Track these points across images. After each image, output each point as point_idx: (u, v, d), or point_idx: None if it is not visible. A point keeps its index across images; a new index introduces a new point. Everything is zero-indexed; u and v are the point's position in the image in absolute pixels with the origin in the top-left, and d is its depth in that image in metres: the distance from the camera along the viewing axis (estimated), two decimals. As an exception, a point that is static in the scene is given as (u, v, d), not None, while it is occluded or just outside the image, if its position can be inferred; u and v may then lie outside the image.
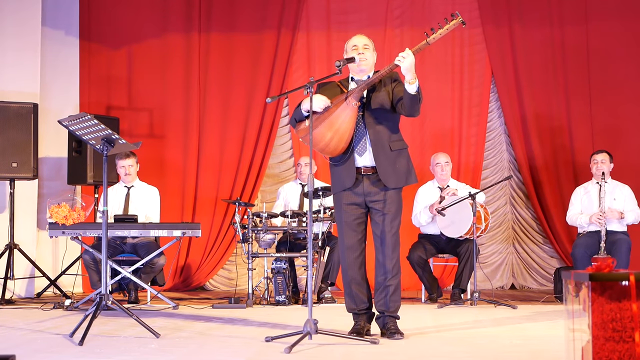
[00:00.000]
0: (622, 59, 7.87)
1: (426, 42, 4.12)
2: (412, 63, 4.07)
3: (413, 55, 4.08)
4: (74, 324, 4.61)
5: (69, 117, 4.59)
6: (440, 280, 7.22)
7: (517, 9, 7.99)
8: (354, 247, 4.39)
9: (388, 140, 4.33)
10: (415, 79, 4.11)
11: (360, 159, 4.35)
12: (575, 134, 7.87)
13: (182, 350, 3.96)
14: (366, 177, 4.35)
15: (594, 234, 6.41)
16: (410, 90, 4.13)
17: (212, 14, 8.18)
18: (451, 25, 4.12)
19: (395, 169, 4.32)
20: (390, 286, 4.34)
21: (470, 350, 3.95)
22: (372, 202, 4.35)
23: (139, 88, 8.19)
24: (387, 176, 4.30)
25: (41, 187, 7.69)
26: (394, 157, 4.33)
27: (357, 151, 4.34)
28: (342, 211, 4.40)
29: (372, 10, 8.12)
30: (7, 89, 7.37)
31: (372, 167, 4.34)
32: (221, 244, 8.03)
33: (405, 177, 4.36)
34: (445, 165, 6.69)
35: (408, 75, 4.10)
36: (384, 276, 4.34)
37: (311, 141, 4.15)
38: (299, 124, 4.43)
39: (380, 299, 4.37)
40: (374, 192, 4.33)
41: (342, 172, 4.37)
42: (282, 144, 8.27)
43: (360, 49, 4.37)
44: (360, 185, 4.35)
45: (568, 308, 2.87)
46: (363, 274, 4.44)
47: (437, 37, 4.11)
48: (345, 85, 4.45)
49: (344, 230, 4.40)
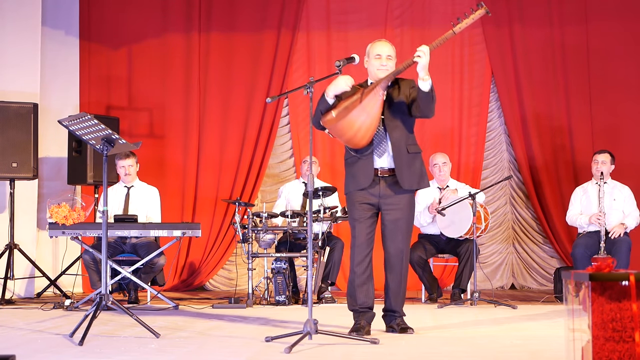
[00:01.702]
0: (622, 59, 7.87)
1: (452, 32, 4.23)
2: (428, 60, 4.15)
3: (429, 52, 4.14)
4: (74, 324, 4.61)
5: (69, 117, 4.59)
6: (440, 280, 7.22)
7: (517, 9, 7.99)
8: (363, 245, 4.44)
9: (406, 143, 4.41)
10: (429, 76, 4.18)
11: (378, 160, 4.40)
12: (575, 134, 7.87)
13: (182, 350, 3.96)
14: (383, 179, 4.41)
15: (594, 234, 6.41)
16: (424, 87, 4.20)
17: (212, 14, 8.18)
18: (477, 15, 4.23)
19: (410, 171, 4.40)
20: (403, 288, 4.48)
21: (470, 350, 3.95)
22: (387, 205, 4.42)
23: (139, 88, 8.20)
24: (403, 177, 4.37)
25: (41, 187, 7.70)
26: (411, 159, 4.41)
27: (377, 152, 4.38)
28: (355, 209, 4.44)
29: (372, 10, 8.12)
30: (7, 89, 7.37)
31: (389, 169, 4.40)
32: (221, 244, 8.03)
33: (418, 180, 4.45)
34: (442, 165, 6.68)
35: (422, 73, 4.17)
36: (397, 279, 4.44)
37: (311, 140, 4.14)
38: (324, 115, 4.33)
39: (391, 301, 4.48)
40: (389, 194, 4.40)
41: (359, 172, 4.40)
42: (282, 144, 8.27)
43: (384, 60, 4.40)
44: (377, 187, 4.41)
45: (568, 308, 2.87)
46: (370, 273, 4.47)
47: (462, 27, 4.23)
48: (363, 87, 4.45)
49: (356, 227, 4.44)
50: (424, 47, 4.16)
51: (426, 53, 4.14)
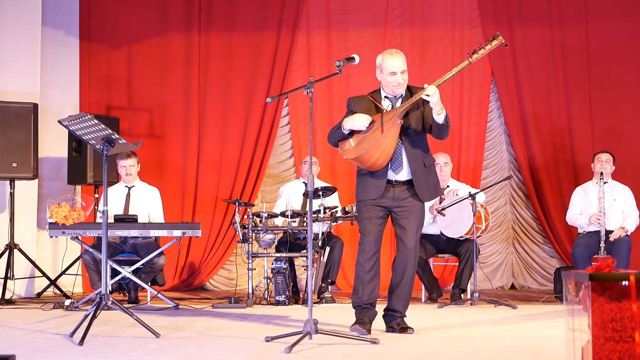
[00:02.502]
0: (622, 59, 7.87)
1: (468, 62, 4.35)
2: (439, 97, 4.25)
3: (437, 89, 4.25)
4: (74, 324, 4.61)
5: (69, 117, 4.59)
6: (440, 280, 7.22)
7: (517, 9, 7.98)
8: (373, 242, 4.49)
9: (422, 157, 4.48)
10: (443, 109, 4.30)
11: (394, 175, 4.47)
12: (575, 134, 7.87)
13: (182, 350, 3.96)
14: (398, 186, 4.47)
15: (594, 234, 6.41)
16: (438, 120, 4.33)
17: (212, 14, 8.18)
18: (493, 46, 4.34)
19: (428, 183, 4.50)
20: (408, 289, 4.52)
21: (470, 350, 3.95)
22: (400, 208, 4.48)
23: (139, 88, 8.20)
24: (423, 191, 4.48)
25: (41, 187, 7.70)
26: (427, 172, 4.50)
27: (393, 167, 4.45)
28: (367, 209, 4.50)
29: (372, 10, 8.12)
30: (7, 89, 7.37)
31: (405, 180, 4.47)
32: (221, 244, 8.03)
33: (434, 191, 4.56)
34: (444, 166, 6.68)
35: (437, 107, 4.28)
36: (405, 280, 4.49)
37: (311, 143, 4.14)
38: (341, 143, 4.47)
39: (398, 300, 4.52)
40: (403, 197, 4.47)
41: (370, 184, 4.48)
42: (282, 144, 8.27)
43: (399, 77, 4.40)
44: (391, 191, 4.47)
45: (568, 308, 2.87)
46: (377, 270, 4.51)
47: (479, 57, 4.35)
48: (378, 100, 4.50)
49: (367, 225, 4.49)
50: (432, 87, 4.23)
51: (435, 92, 4.23)
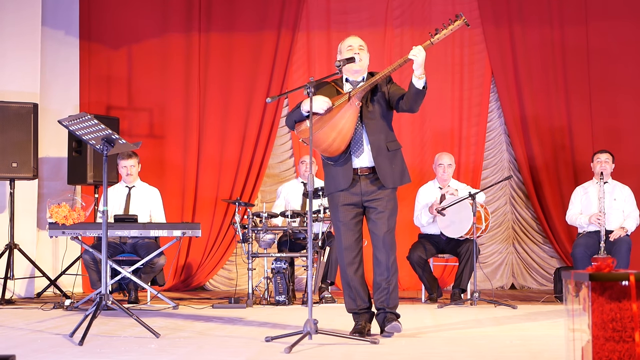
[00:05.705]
0: (622, 59, 7.87)
1: (430, 42, 4.18)
2: (424, 58, 4.13)
3: (424, 51, 4.12)
4: (74, 324, 4.61)
5: (69, 117, 4.59)
6: (440, 280, 7.22)
7: (517, 9, 7.98)
8: (351, 247, 4.40)
9: (385, 141, 4.35)
10: (424, 75, 4.16)
11: (357, 160, 4.35)
12: (575, 134, 7.87)
13: (182, 350, 3.96)
14: (363, 177, 4.36)
15: (594, 234, 6.41)
16: (418, 85, 4.17)
17: (212, 14, 8.18)
18: (455, 26, 4.17)
19: (392, 169, 4.35)
20: (391, 284, 4.37)
21: (470, 350, 3.94)
22: (369, 202, 4.36)
23: (139, 88, 8.20)
24: (386, 177, 4.32)
25: (41, 187, 7.70)
26: (391, 157, 4.36)
27: (354, 152, 4.34)
28: (339, 211, 4.40)
29: (372, 10, 8.12)
30: (7, 89, 7.37)
31: (368, 167, 4.35)
32: (221, 244, 8.03)
33: (400, 177, 4.39)
34: (447, 167, 6.66)
35: (418, 71, 4.15)
36: (384, 275, 4.35)
37: (311, 142, 4.14)
38: (298, 124, 4.41)
39: (380, 297, 4.39)
40: (370, 191, 4.35)
41: (339, 173, 4.37)
42: (282, 144, 8.27)
43: (356, 49, 4.37)
44: (357, 185, 4.36)
45: (568, 308, 2.87)
46: (362, 273, 4.44)
47: (440, 38, 4.18)
48: (340, 85, 4.44)
49: (342, 230, 4.40)
50: (419, 47, 4.13)
51: (421, 51, 4.11)
